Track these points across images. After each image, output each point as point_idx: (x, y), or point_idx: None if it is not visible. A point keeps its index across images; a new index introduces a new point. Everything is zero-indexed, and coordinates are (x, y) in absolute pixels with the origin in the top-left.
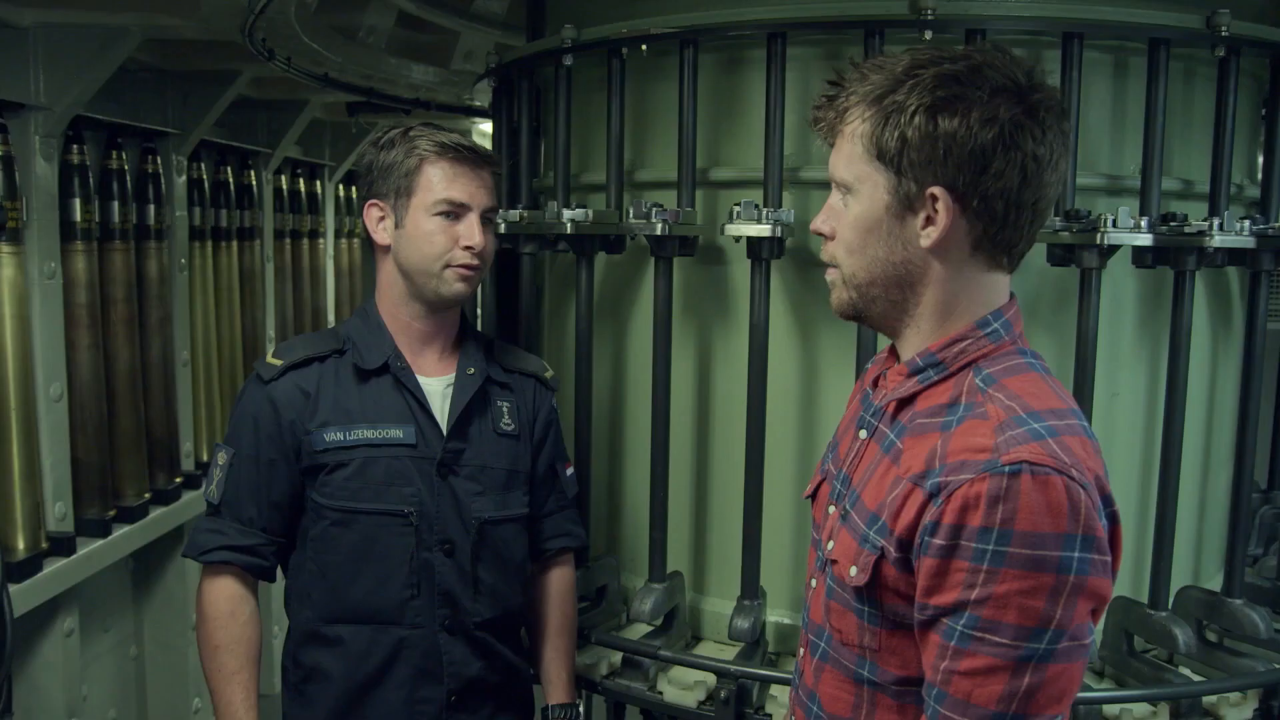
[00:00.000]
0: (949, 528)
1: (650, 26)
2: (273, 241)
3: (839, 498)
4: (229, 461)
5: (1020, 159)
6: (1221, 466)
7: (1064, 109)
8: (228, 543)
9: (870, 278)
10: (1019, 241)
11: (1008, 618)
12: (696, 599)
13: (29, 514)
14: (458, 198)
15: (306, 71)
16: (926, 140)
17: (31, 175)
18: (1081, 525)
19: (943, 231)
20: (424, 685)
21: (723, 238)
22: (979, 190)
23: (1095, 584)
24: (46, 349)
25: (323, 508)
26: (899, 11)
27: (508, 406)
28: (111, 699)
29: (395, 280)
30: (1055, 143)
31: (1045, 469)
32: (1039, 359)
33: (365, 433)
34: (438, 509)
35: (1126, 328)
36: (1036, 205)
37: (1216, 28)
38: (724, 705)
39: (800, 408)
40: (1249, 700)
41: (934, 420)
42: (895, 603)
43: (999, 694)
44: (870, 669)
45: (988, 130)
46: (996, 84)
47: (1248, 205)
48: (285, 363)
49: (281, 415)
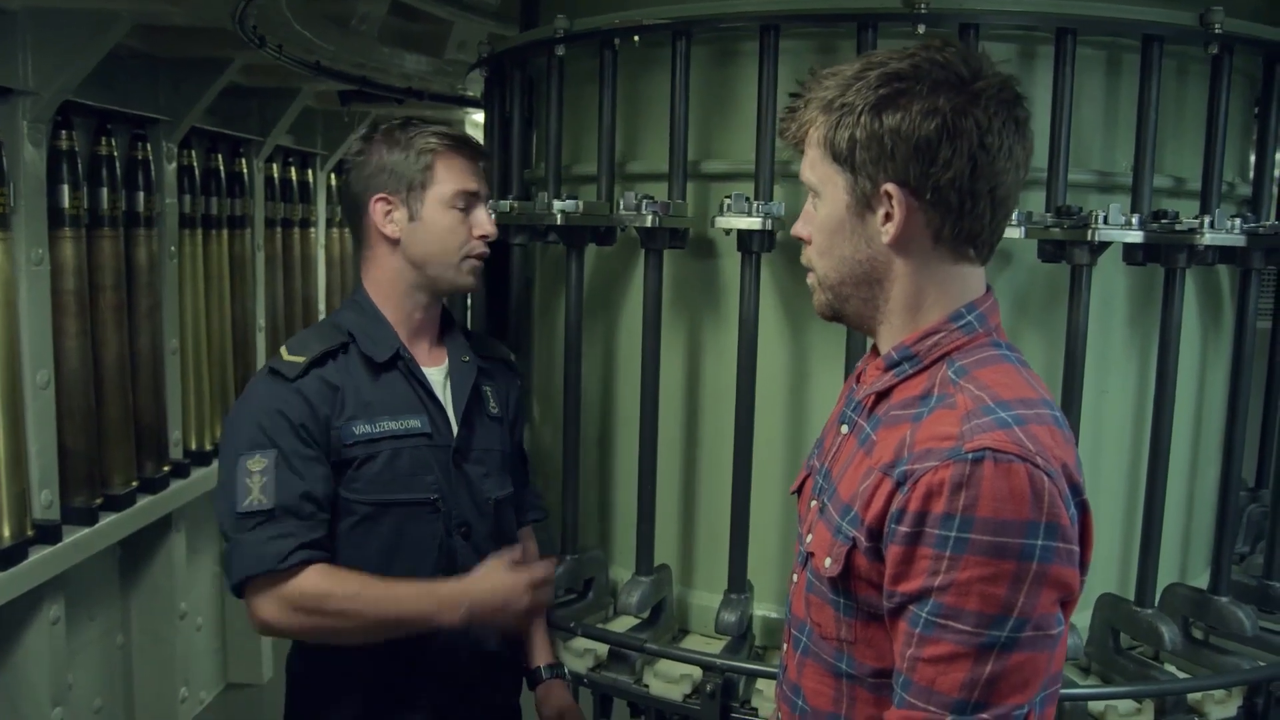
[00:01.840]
0: (914, 515)
1: (642, 18)
2: (263, 230)
3: (820, 492)
4: (272, 464)
5: (967, 147)
6: (1209, 464)
7: (1014, 96)
8: (300, 541)
9: (840, 278)
10: (982, 231)
11: (969, 604)
12: (684, 592)
13: (15, 501)
14: (472, 188)
15: (298, 59)
16: (873, 138)
17: (19, 161)
18: (1045, 513)
19: (899, 226)
20: (454, 665)
21: (713, 230)
22: (930, 182)
23: (1059, 572)
24: (34, 336)
25: (352, 503)
26: (892, 5)
27: (492, 391)
28: (97, 688)
29: (403, 273)
30: (1004, 130)
31: (1008, 456)
32: (1015, 351)
33: (389, 424)
34: (454, 494)
35: (1116, 325)
36: (994, 193)
37: (1210, 25)
38: (710, 699)
39: (789, 401)
40: (1234, 698)
41: (906, 412)
42: (868, 594)
43: (961, 681)
44: (848, 662)
45: (929, 122)
46: (937, 78)
47: (1239, 203)
48: (308, 359)
49: (318, 411)
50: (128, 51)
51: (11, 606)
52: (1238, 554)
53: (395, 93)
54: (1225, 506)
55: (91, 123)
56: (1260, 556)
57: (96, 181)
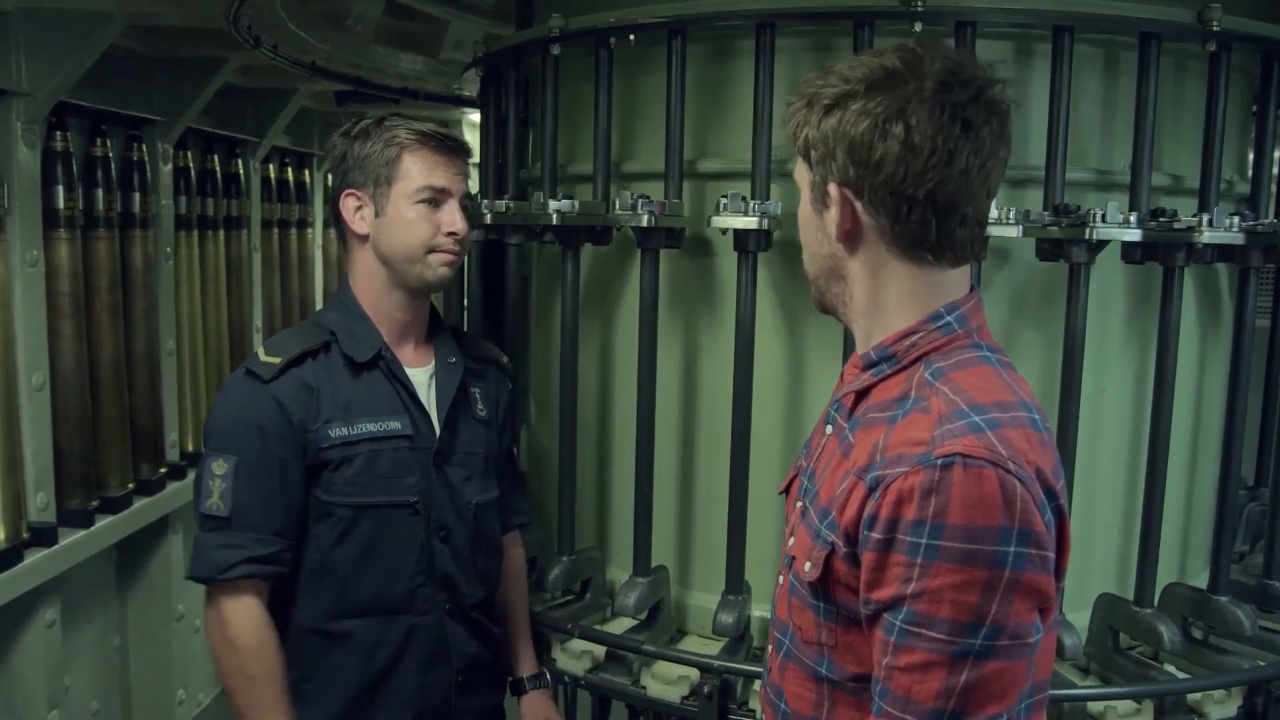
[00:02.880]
0: (885, 521)
1: (638, 16)
2: (260, 231)
3: (804, 494)
4: (232, 469)
5: (895, 149)
6: (1208, 463)
7: (968, 99)
8: (247, 555)
9: (815, 271)
10: (928, 236)
11: (942, 612)
12: (681, 593)
13: (10, 504)
14: (439, 184)
15: (294, 60)
16: (820, 138)
17: (14, 162)
18: (1018, 519)
19: (839, 224)
20: (434, 670)
21: (710, 230)
22: (865, 183)
23: (1033, 579)
24: (29, 338)
25: (329, 505)
26: (888, 3)
27: (479, 393)
28: (94, 691)
29: (375, 270)
30: (942, 133)
31: (979, 461)
32: (997, 352)
33: (368, 426)
34: (434, 497)
35: (1115, 324)
36: (934, 198)
37: (1208, 22)
38: (708, 700)
39: (786, 401)
40: (1233, 698)
41: (883, 414)
42: (847, 598)
43: (936, 690)
44: (828, 666)
45: (861, 122)
46: (876, 79)
47: (1237, 201)
48: (284, 360)
49: (290, 414)
50: (123, 52)
51: (7, 609)
52: (1237, 553)
53: (391, 93)
54: (1224, 505)
55: (86, 124)
56: (1259, 555)
57: (91, 183)
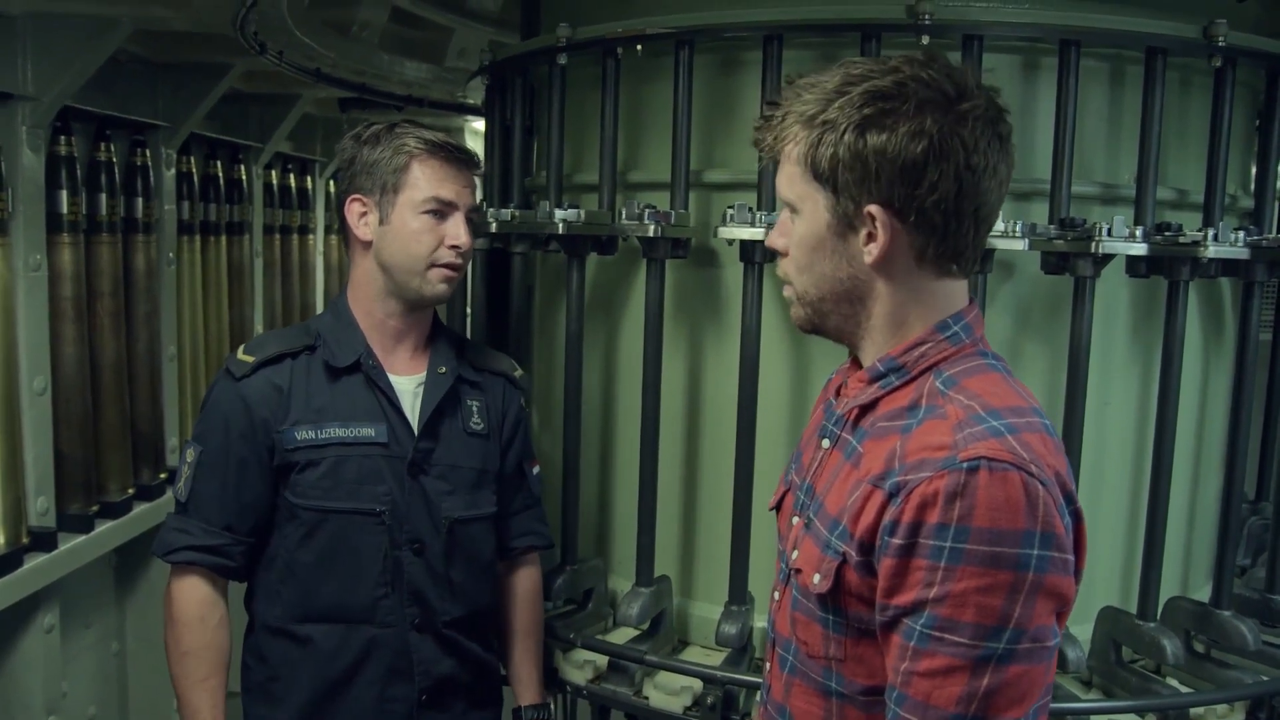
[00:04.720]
0: (908, 526)
1: (645, 26)
2: (262, 236)
3: (802, 508)
4: (196, 459)
5: (954, 170)
6: (1211, 477)
7: (998, 113)
8: (193, 542)
9: (820, 294)
10: (965, 250)
11: (965, 616)
12: (684, 603)
13: (10, 508)
14: (447, 196)
15: (299, 66)
16: (857, 159)
17: (18, 166)
18: (1040, 522)
19: (883, 249)
20: (395, 684)
21: (715, 240)
22: (915, 204)
23: (1055, 582)
24: (31, 342)
25: (295, 507)
26: (896, 16)
27: (478, 405)
28: (92, 696)
29: (374, 277)
30: (990, 149)
31: (1003, 465)
32: (1001, 360)
33: (337, 431)
34: (408, 508)
35: (1119, 337)
36: (978, 213)
37: (1213, 38)
38: (710, 711)
39: (791, 412)
40: (1236, 712)
41: (894, 424)
42: (859, 609)
43: (958, 695)
44: (838, 680)
45: (917, 144)
46: (923, 97)
47: (1241, 216)
48: (257, 359)
49: (254, 413)
50: (127, 57)
51: (6, 614)
52: (1239, 567)
53: (395, 100)
54: (1227, 519)
55: (90, 128)
56: (1262, 569)
57: (95, 187)
